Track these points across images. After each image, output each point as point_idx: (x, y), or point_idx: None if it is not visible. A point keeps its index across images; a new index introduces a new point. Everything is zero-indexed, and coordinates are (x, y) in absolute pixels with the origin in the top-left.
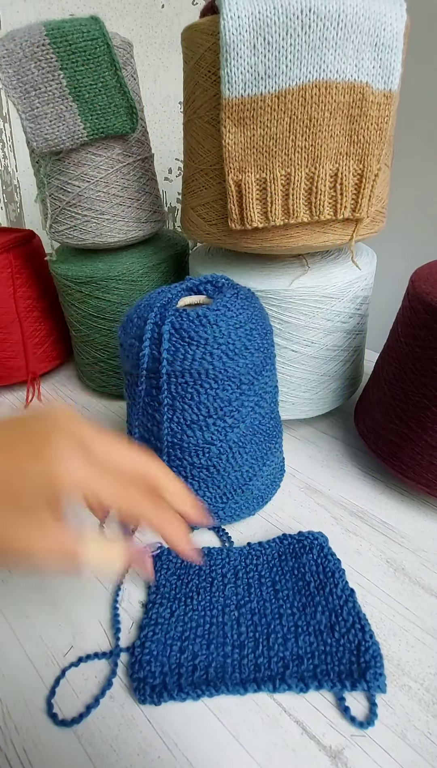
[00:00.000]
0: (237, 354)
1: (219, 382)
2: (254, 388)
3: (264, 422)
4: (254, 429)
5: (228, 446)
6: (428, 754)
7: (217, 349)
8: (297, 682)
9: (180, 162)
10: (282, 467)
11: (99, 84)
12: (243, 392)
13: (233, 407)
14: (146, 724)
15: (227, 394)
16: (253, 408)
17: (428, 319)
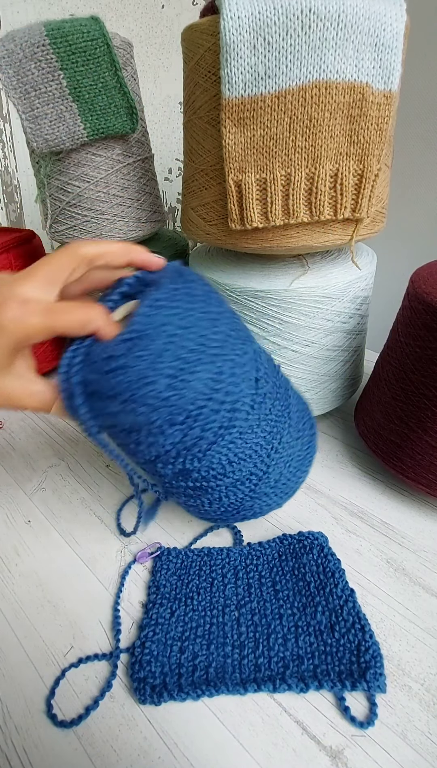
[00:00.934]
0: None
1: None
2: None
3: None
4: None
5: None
6: (428, 754)
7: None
8: (297, 682)
9: (180, 162)
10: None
11: (99, 84)
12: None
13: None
14: (146, 724)
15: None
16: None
17: (428, 319)
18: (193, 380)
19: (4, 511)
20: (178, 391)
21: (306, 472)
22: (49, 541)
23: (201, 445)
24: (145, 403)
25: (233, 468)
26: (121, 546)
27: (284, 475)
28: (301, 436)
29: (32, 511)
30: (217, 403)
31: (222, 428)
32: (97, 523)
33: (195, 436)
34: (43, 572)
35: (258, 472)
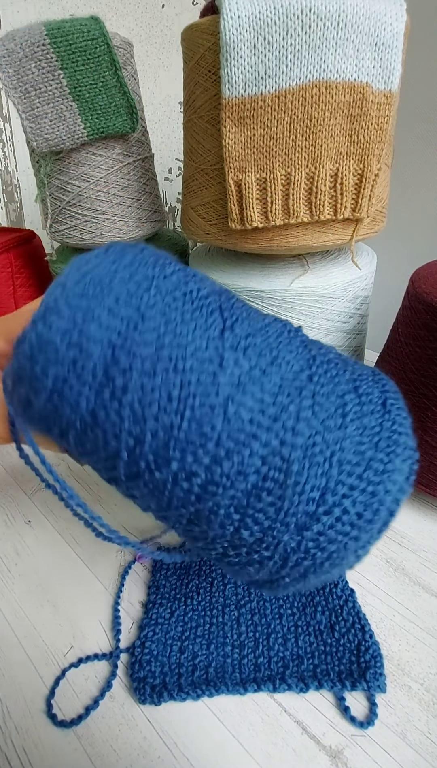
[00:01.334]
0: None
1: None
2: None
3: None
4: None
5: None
6: (428, 753)
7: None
8: (297, 681)
9: (180, 162)
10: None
11: (99, 84)
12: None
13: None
14: (146, 724)
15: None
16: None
17: (428, 319)
18: (94, 329)
19: (4, 511)
20: (79, 347)
21: (387, 480)
22: (49, 541)
23: (153, 431)
24: (49, 375)
25: (225, 469)
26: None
27: (337, 480)
28: (352, 414)
29: (32, 511)
30: (147, 360)
31: (172, 400)
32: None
33: (136, 417)
34: (43, 572)
35: (274, 473)
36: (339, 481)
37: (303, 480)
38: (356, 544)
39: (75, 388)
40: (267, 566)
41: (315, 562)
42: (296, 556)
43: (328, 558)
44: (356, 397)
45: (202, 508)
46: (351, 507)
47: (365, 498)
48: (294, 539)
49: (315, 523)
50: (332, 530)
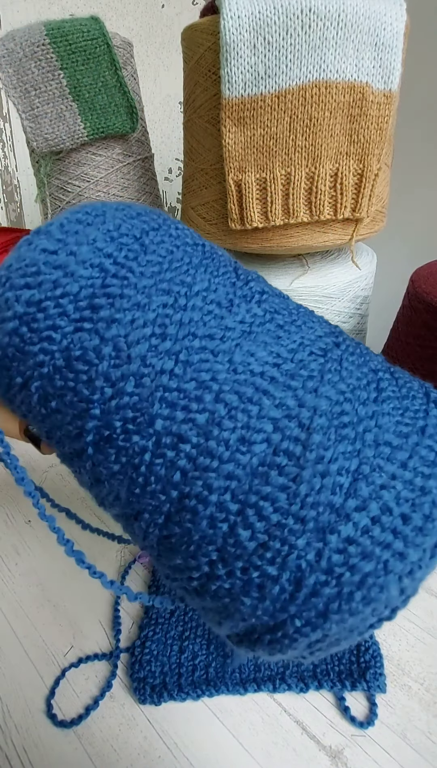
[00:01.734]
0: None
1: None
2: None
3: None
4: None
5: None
6: (428, 753)
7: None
8: (297, 681)
9: (180, 162)
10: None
11: (99, 84)
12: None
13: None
14: (146, 723)
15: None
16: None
17: (428, 319)
18: (86, 250)
19: (4, 511)
20: (65, 269)
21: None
22: (49, 541)
23: (137, 376)
24: (21, 300)
25: (225, 432)
26: (121, 546)
27: (373, 465)
28: (389, 391)
29: (32, 511)
30: (142, 291)
31: (166, 339)
32: (97, 522)
33: (119, 358)
34: (43, 572)
35: (290, 444)
36: (376, 465)
37: (329, 457)
38: (402, 565)
39: (51, 317)
40: (270, 595)
41: (341, 589)
42: (314, 576)
43: (361, 584)
44: (391, 378)
45: (188, 492)
46: (393, 504)
47: (413, 495)
48: (312, 547)
49: (344, 522)
50: (367, 537)
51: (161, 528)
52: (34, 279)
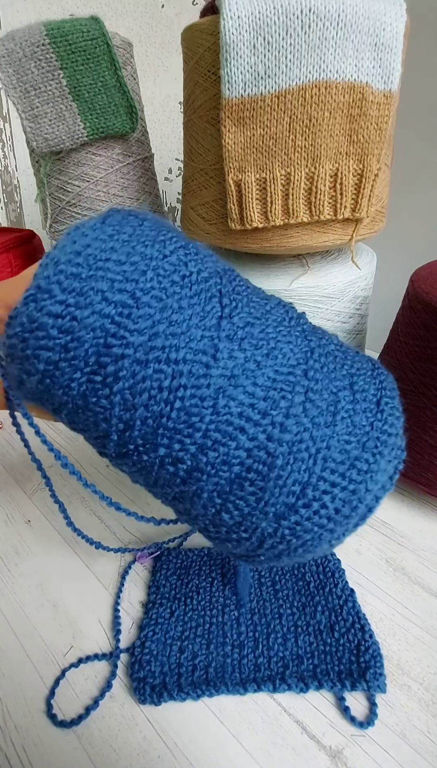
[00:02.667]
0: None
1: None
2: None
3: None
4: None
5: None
6: (428, 753)
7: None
8: (297, 681)
9: (180, 162)
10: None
11: (99, 84)
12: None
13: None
14: (146, 723)
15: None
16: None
17: (428, 319)
18: (87, 315)
19: (4, 511)
20: (72, 333)
21: (369, 480)
22: (49, 541)
23: (142, 419)
24: (41, 359)
25: (210, 458)
26: (121, 546)
27: (319, 476)
28: (344, 412)
29: (32, 511)
30: (139, 349)
31: (163, 390)
32: (97, 523)
33: (126, 405)
34: (43, 572)
35: (259, 466)
36: (321, 477)
37: (286, 474)
38: (331, 535)
39: (66, 373)
40: (244, 545)
41: (289, 547)
42: (272, 540)
43: (302, 545)
44: (350, 393)
45: (186, 490)
46: (329, 503)
47: (345, 495)
48: (271, 526)
49: (293, 514)
50: (309, 522)
51: (170, 501)
52: (46, 343)
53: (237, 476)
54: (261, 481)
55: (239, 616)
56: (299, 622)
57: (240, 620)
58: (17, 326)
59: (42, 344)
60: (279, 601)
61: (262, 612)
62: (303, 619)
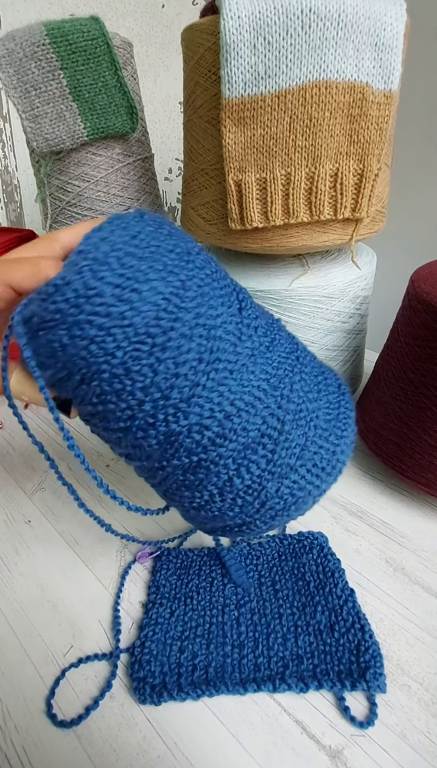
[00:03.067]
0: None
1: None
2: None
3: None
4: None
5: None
6: (428, 753)
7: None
8: (296, 681)
9: (180, 162)
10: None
11: (99, 84)
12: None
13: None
14: (146, 723)
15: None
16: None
17: (428, 319)
18: (146, 290)
19: (4, 511)
20: (130, 303)
21: (343, 443)
22: (49, 541)
23: (181, 387)
24: (93, 324)
25: (234, 424)
26: (121, 546)
27: (312, 440)
28: (323, 391)
29: (32, 511)
30: (186, 324)
31: (202, 362)
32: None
33: (169, 374)
34: (43, 572)
35: (271, 431)
36: (313, 440)
37: (292, 438)
38: (317, 491)
39: (117, 340)
40: (245, 510)
41: (285, 506)
42: (273, 500)
43: (295, 503)
44: (323, 378)
45: (205, 457)
46: (318, 461)
47: (328, 455)
48: (274, 485)
49: (294, 473)
50: (303, 479)
51: (180, 476)
52: (103, 309)
53: (253, 441)
54: (272, 444)
55: (239, 616)
56: (299, 622)
57: (240, 620)
58: (70, 292)
59: (98, 310)
60: (279, 601)
61: (262, 612)
62: (303, 619)
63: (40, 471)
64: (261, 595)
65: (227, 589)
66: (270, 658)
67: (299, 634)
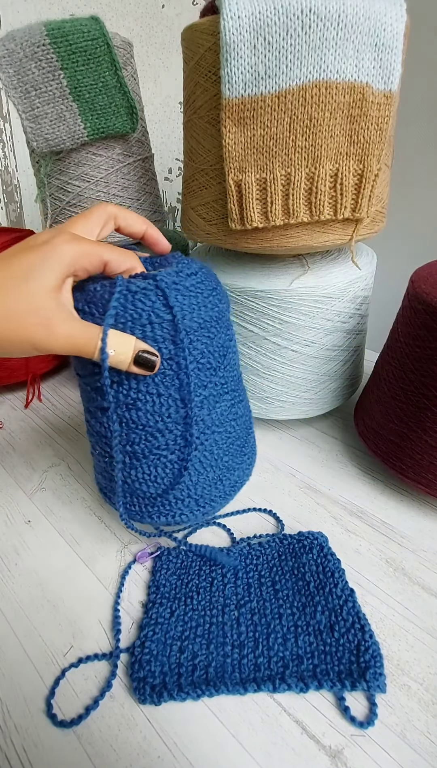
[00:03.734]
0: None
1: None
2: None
3: (236, 413)
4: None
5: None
6: (428, 753)
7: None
8: (296, 681)
9: (180, 162)
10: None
11: (99, 84)
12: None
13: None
14: (146, 723)
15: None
16: (221, 396)
17: (428, 319)
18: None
19: (4, 511)
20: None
21: (241, 469)
22: (49, 541)
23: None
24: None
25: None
26: (121, 546)
27: (216, 453)
28: (236, 426)
29: (32, 511)
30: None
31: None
32: (96, 523)
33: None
34: (43, 572)
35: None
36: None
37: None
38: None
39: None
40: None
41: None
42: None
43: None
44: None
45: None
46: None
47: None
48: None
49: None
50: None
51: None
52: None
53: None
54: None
55: (239, 616)
56: (299, 622)
57: (240, 620)
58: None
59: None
60: (279, 601)
61: (262, 612)
62: (303, 619)
63: (40, 471)
64: (262, 595)
65: (227, 589)
66: (270, 658)
67: (299, 634)
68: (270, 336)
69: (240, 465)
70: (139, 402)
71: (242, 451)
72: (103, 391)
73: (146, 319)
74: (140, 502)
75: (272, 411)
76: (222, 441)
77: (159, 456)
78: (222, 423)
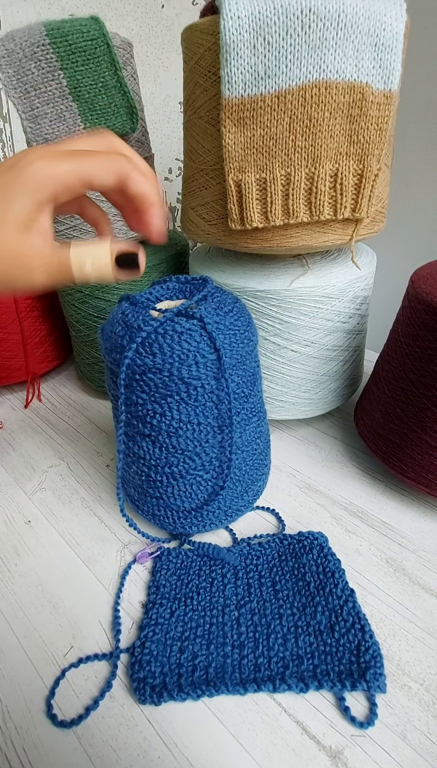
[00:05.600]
0: (233, 365)
1: (210, 396)
2: (251, 401)
3: (259, 431)
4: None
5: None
6: (428, 754)
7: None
8: (297, 682)
9: (180, 162)
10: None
11: (99, 84)
12: (242, 406)
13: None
14: (146, 724)
15: (220, 409)
16: (249, 420)
17: (428, 319)
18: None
19: (4, 511)
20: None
21: (261, 480)
22: (49, 541)
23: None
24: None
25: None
26: (121, 546)
27: (243, 469)
28: (257, 449)
29: (32, 511)
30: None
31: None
32: (97, 523)
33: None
34: (43, 572)
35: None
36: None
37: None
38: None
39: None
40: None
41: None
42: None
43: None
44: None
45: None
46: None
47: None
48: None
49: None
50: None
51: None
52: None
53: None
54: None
55: (239, 617)
56: (299, 623)
57: (240, 620)
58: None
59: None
60: (280, 601)
61: (262, 612)
62: (304, 619)
63: (40, 471)
64: (262, 596)
65: (227, 589)
66: (270, 658)
67: (299, 635)
68: (270, 336)
69: (261, 476)
70: (181, 430)
71: (263, 464)
72: (145, 420)
73: (193, 360)
74: (174, 515)
75: (272, 411)
76: (249, 458)
77: (195, 476)
78: (249, 443)
